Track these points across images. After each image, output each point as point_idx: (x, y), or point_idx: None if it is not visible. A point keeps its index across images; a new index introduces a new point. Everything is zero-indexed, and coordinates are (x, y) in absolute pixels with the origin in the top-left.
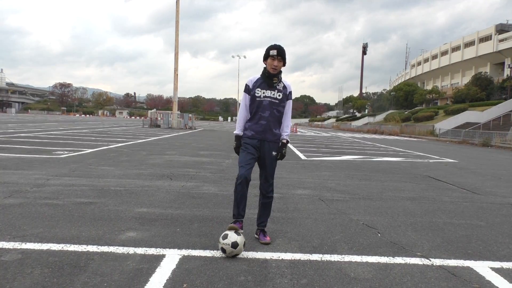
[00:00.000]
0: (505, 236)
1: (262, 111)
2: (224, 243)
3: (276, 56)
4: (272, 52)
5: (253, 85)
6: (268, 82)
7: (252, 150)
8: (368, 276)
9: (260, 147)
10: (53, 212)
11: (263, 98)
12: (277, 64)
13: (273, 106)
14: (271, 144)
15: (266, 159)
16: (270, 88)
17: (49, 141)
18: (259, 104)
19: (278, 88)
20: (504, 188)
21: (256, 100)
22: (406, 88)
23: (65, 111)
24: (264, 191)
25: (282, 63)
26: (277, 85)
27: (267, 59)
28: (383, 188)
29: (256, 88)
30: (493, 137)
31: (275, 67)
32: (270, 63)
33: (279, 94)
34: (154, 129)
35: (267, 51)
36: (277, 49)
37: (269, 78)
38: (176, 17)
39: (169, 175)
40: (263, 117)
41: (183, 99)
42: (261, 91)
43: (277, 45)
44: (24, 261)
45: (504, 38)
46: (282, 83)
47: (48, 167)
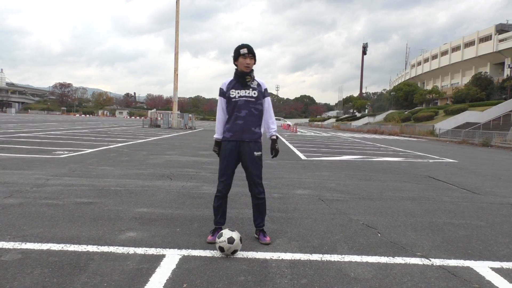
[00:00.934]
0: (505, 236)
1: (238, 111)
2: (220, 241)
3: (248, 54)
4: (243, 51)
5: (227, 88)
6: (241, 82)
7: (231, 160)
8: (368, 276)
9: (240, 149)
10: (53, 212)
11: (238, 98)
12: (249, 62)
13: (249, 104)
14: (251, 144)
15: (247, 160)
16: (244, 88)
17: (49, 141)
18: (235, 105)
19: (253, 87)
20: (504, 188)
21: (232, 101)
22: (406, 88)
23: (65, 111)
24: (254, 193)
25: (254, 60)
26: (250, 83)
27: (237, 59)
28: (383, 188)
29: (230, 90)
30: (493, 137)
31: (247, 65)
32: (242, 62)
33: (254, 92)
34: (154, 129)
35: (237, 51)
36: (247, 47)
37: (242, 77)
38: (176, 17)
39: (169, 175)
40: (240, 116)
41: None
42: (235, 91)
43: (245, 44)
44: (24, 261)
45: (504, 38)
46: (255, 81)
47: (48, 167)
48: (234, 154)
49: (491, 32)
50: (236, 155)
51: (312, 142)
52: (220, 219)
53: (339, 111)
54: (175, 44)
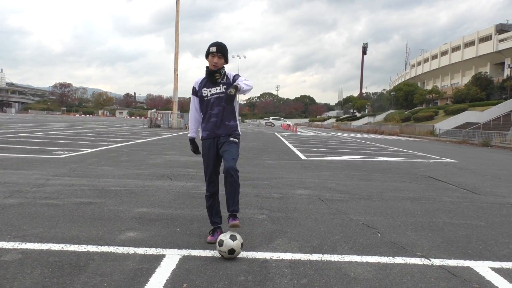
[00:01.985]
0: (505, 236)
1: (211, 109)
2: (221, 250)
3: (216, 53)
4: (212, 49)
5: (199, 86)
6: (211, 79)
7: (211, 157)
8: (368, 276)
9: (217, 144)
10: (53, 212)
11: (210, 96)
12: (217, 61)
13: (221, 101)
14: (226, 137)
15: (223, 145)
16: (214, 85)
17: (49, 141)
18: (208, 103)
19: (223, 82)
20: (504, 188)
21: (205, 100)
22: (406, 88)
23: (65, 111)
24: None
25: (223, 60)
26: (220, 80)
27: (207, 57)
28: (383, 188)
29: (202, 89)
30: (493, 137)
31: (215, 63)
32: (211, 60)
33: (224, 87)
34: (154, 129)
35: (208, 50)
36: (216, 46)
37: (211, 75)
38: (176, 17)
39: (169, 175)
40: (213, 114)
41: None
42: (207, 90)
43: (217, 42)
44: (24, 261)
45: (504, 38)
46: (225, 76)
47: (48, 167)
48: (213, 151)
49: (491, 32)
50: (215, 152)
51: (312, 142)
52: (215, 219)
53: (339, 111)
54: (175, 44)
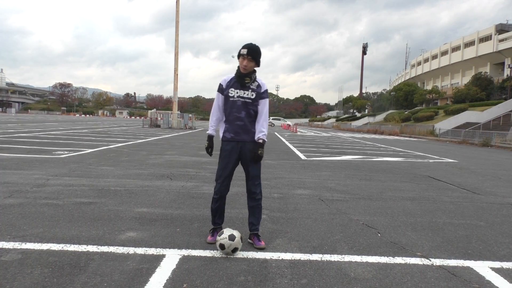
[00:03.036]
0: (505, 236)
1: (237, 111)
2: (221, 238)
3: (246, 56)
4: (243, 51)
5: (227, 85)
6: (240, 82)
7: (231, 160)
8: (368, 276)
9: (241, 150)
10: (53, 212)
11: (236, 98)
12: (247, 64)
13: (247, 106)
14: (251, 145)
15: (248, 160)
16: (243, 88)
17: (49, 141)
18: (233, 104)
19: (252, 88)
20: (504, 188)
21: (230, 100)
22: (406, 88)
23: (65, 111)
24: (251, 194)
25: (254, 63)
26: (250, 84)
27: (239, 58)
28: (383, 188)
29: (230, 88)
30: (493, 137)
31: (244, 66)
32: (241, 62)
33: (253, 93)
34: (154, 129)
35: (240, 50)
36: (247, 49)
37: (241, 78)
38: (176, 17)
39: (169, 175)
40: (239, 117)
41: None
42: (234, 90)
43: (249, 44)
44: (24, 261)
45: (504, 38)
46: (256, 82)
47: (48, 167)
48: (235, 155)
49: (491, 32)
50: (237, 156)
51: (312, 142)
52: (218, 220)
53: (339, 111)
54: (175, 44)
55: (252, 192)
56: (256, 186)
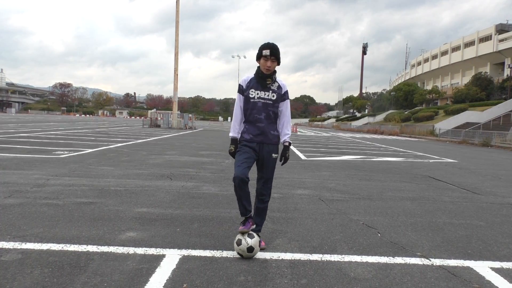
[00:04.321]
0: (505, 236)
1: (257, 113)
2: (240, 249)
3: (270, 57)
4: (265, 52)
5: (247, 86)
6: (261, 83)
7: (249, 151)
8: (368, 276)
9: (259, 150)
10: (53, 212)
11: (257, 99)
12: (270, 65)
13: (268, 107)
14: (270, 147)
15: (265, 162)
16: (264, 89)
17: (49, 141)
18: (254, 106)
19: (272, 89)
20: (504, 188)
21: (251, 102)
22: (406, 88)
23: (65, 111)
24: (261, 196)
25: (276, 63)
26: (271, 85)
27: (260, 58)
28: (383, 188)
29: (250, 89)
30: (493, 137)
31: (268, 67)
32: (263, 63)
33: (273, 94)
34: (154, 129)
35: (260, 51)
36: (270, 49)
37: (262, 78)
38: (176, 17)
39: (169, 175)
40: (260, 119)
41: (183, 99)
42: (255, 92)
43: (270, 44)
44: (24, 261)
45: (504, 38)
46: (277, 83)
47: (48, 167)
48: (253, 151)
49: (491, 32)
50: (255, 153)
51: (312, 142)
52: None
53: (339, 111)
54: (175, 44)
55: (262, 194)
56: (267, 189)
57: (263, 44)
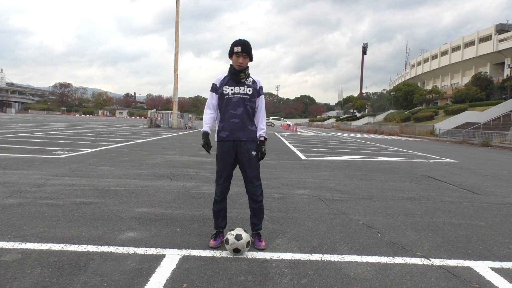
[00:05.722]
0: (505, 236)
1: (233, 108)
2: (229, 233)
3: (241, 53)
4: (237, 49)
5: (220, 83)
6: (235, 79)
7: (229, 161)
8: (368, 276)
9: (237, 149)
10: (53, 212)
11: (231, 95)
12: (242, 61)
13: (244, 102)
14: (248, 144)
15: (245, 161)
16: (238, 84)
17: (49, 141)
18: (228, 102)
19: (247, 84)
20: (504, 188)
21: (225, 98)
22: (406, 88)
23: (65, 111)
24: (251, 195)
25: (248, 59)
26: (245, 80)
27: (232, 55)
28: (383, 188)
29: (224, 86)
30: (493, 137)
31: (240, 64)
32: (235, 60)
33: (249, 89)
34: (154, 129)
35: (232, 47)
36: (241, 45)
37: (235, 74)
38: (176, 17)
39: (169, 175)
40: (235, 114)
41: (183, 99)
42: (229, 88)
43: (241, 40)
44: (24, 261)
45: (504, 38)
46: (251, 78)
47: (48, 167)
48: (232, 155)
49: (491, 32)
50: (234, 156)
51: (312, 142)
52: (221, 223)
53: (339, 111)
54: (175, 44)
55: (253, 194)
56: (256, 188)
57: (235, 40)
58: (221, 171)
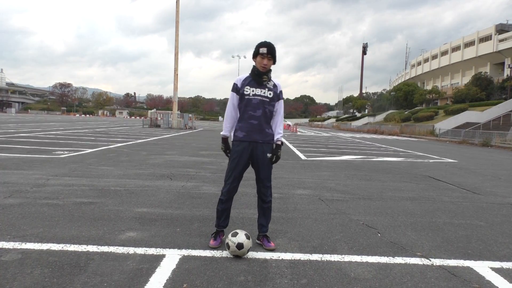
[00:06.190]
0: (505, 236)
1: (252, 110)
2: (231, 240)
3: (266, 55)
4: (262, 50)
5: (242, 84)
6: (257, 80)
7: (242, 161)
8: (368, 276)
9: (253, 150)
10: (53, 212)
11: (252, 96)
12: (267, 63)
13: (264, 104)
14: (264, 146)
15: (260, 162)
16: (259, 86)
17: (49, 141)
18: (248, 103)
19: (268, 87)
20: (504, 188)
21: (245, 99)
22: (406, 88)
23: (65, 111)
24: (262, 196)
25: (272, 61)
26: (267, 83)
27: (256, 56)
28: (383, 188)
29: (245, 86)
30: (493, 137)
31: (264, 65)
32: (260, 61)
33: (270, 92)
34: (154, 129)
35: (257, 48)
36: (267, 47)
37: (258, 76)
38: (176, 17)
39: (169, 175)
40: (254, 116)
41: (183, 99)
42: (250, 89)
43: (267, 42)
44: (24, 261)
45: (504, 38)
46: (272, 82)
47: (48, 167)
48: (246, 156)
49: (491, 32)
50: (248, 157)
51: (312, 142)
52: (222, 222)
53: (339, 111)
54: (175, 44)
55: (263, 194)
56: (266, 189)
57: (261, 42)
58: (232, 170)
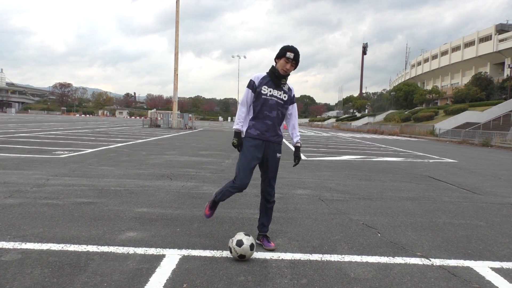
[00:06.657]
0: (505, 236)
1: (268, 110)
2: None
3: (292, 60)
4: (289, 54)
5: (260, 82)
6: (275, 82)
7: (256, 155)
8: (368, 276)
9: (265, 149)
10: (53, 212)
11: (269, 96)
12: (289, 68)
13: (278, 106)
14: (275, 145)
15: (270, 161)
16: (277, 88)
17: (49, 141)
18: (265, 102)
19: (284, 90)
20: (504, 188)
21: (262, 98)
22: (406, 88)
23: (65, 111)
24: (267, 196)
25: (294, 67)
26: (283, 86)
27: (280, 58)
28: (383, 188)
29: (263, 85)
30: (493, 137)
31: (287, 70)
32: (283, 64)
33: (285, 95)
34: (154, 129)
35: (284, 51)
36: (294, 53)
37: (278, 78)
38: (176, 17)
39: (169, 175)
40: (269, 116)
41: (183, 99)
42: (268, 89)
43: (295, 48)
44: (24, 261)
45: (504, 38)
46: (287, 85)
47: (48, 167)
48: (260, 152)
49: (491, 32)
50: (261, 155)
51: (312, 142)
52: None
53: (339, 111)
54: (175, 44)
55: (267, 194)
56: (272, 188)
57: (288, 46)
58: (244, 164)
